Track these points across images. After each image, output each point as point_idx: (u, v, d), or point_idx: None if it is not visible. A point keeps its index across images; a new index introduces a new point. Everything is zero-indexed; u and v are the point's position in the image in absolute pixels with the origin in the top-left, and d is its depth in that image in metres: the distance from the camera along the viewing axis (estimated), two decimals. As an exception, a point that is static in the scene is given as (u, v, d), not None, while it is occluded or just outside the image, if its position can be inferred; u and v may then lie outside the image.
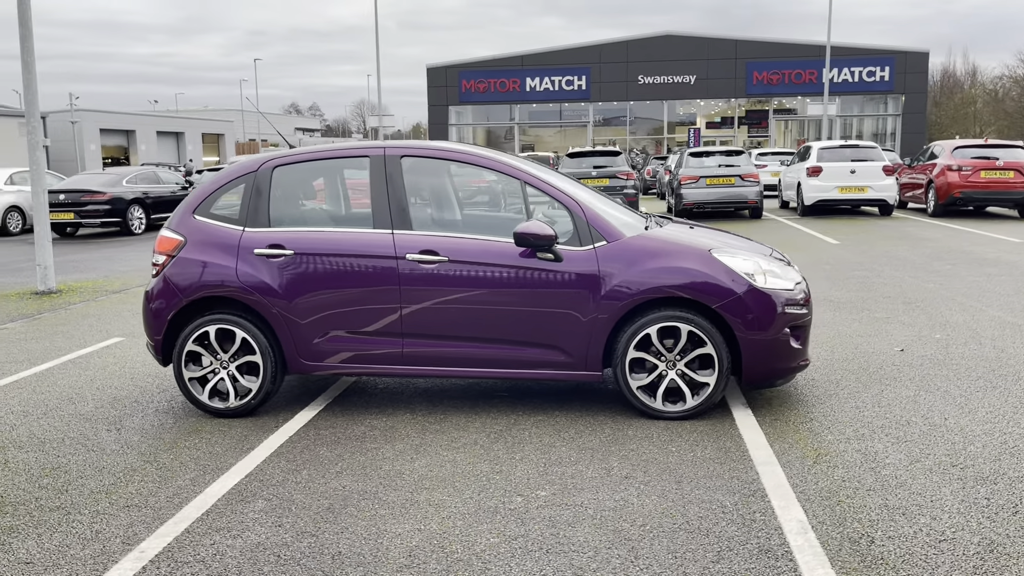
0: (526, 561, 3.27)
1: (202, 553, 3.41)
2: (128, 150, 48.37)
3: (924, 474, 4.00)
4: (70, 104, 43.75)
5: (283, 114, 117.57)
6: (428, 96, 45.91)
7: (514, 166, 5.10)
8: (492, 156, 5.19)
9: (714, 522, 3.57)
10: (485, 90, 45.49)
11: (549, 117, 47.17)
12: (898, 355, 6.18)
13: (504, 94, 45.53)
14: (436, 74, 45.55)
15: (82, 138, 44.66)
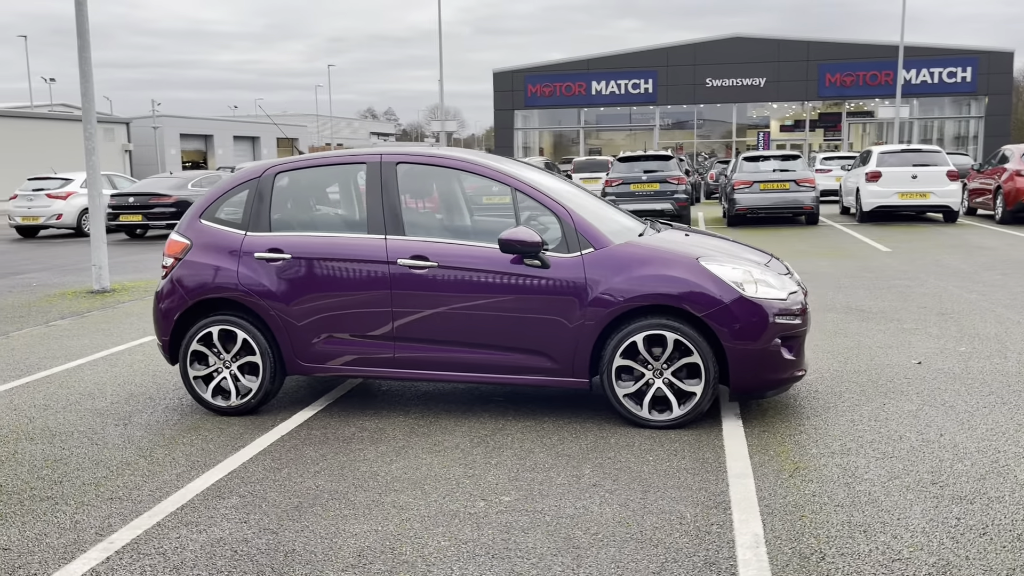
0: (469, 565, 3.31)
1: (165, 546, 3.55)
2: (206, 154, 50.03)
3: (899, 491, 3.89)
4: (152, 110, 45.53)
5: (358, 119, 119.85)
6: (494, 101, 46.21)
7: (504, 172, 5.14)
8: (483, 162, 5.24)
9: (668, 533, 3.54)
10: (551, 94, 45.53)
11: (615, 120, 46.96)
12: (914, 368, 6.00)
13: (570, 98, 45.50)
14: (502, 79, 45.81)
15: (163, 142, 46.38)
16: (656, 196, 17.25)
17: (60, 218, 19.83)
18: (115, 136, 42.69)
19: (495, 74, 46.05)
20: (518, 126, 46.56)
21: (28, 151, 35.05)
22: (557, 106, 46.03)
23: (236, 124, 53.36)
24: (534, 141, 48.62)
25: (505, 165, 5.30)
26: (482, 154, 5.55)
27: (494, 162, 5.28)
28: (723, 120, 46.35)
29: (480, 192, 6.98)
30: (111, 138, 42.40)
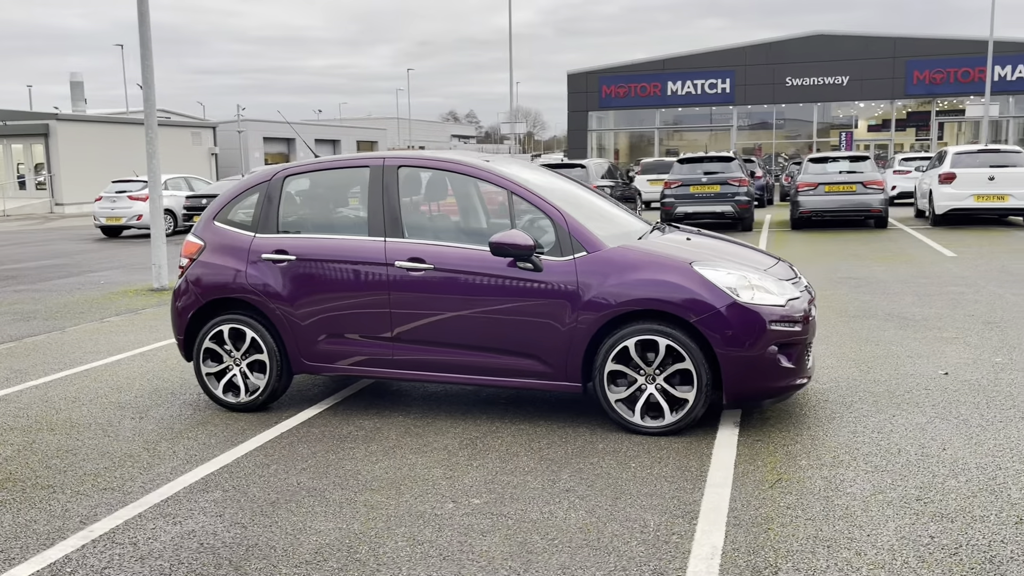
0: (418, 566, 3.34)
1: (138, 537, 3.69)
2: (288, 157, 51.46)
3: (879, 506, 3.74)
4: (237, 115, 47.12)
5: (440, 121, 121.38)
6: (568, 102, 46.15)
7: (500, 175, 5.14)
8: (479, 165, 5.25)
9: (625, 541, 3.50)
10: (625, 95, 45.21)
11: (693, 121, 46.28)
12: (937, 379, 5.75)
13: (645, 99, 45.08)
14: (577, 80, 45.71)
15: (247, 146, 47.91)
16: (716, 198, 16.94)
17: (140, 219, 20.69)
18: (202, 140, 44.32)
19: (569, 75, 45.97)
20: (592, 127, 46.37)
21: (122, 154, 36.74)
22: (632, 107, 45.65)
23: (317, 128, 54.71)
24: (609, 143, 48.34)
25: (504, 168, 5.31)
26: (481, 156, 5.57)
27: (493, 165, 5.29)
28: (804, 120, 45.17)
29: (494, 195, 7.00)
30: (198, 142, 44.05)
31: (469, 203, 5.62)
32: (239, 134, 46.56)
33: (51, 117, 36.99)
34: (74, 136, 36.81)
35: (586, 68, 45.68)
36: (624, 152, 48.36)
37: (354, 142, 55.99)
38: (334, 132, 54.90)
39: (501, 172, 5.17)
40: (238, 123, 47.65)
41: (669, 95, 44.68)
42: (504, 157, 6.11)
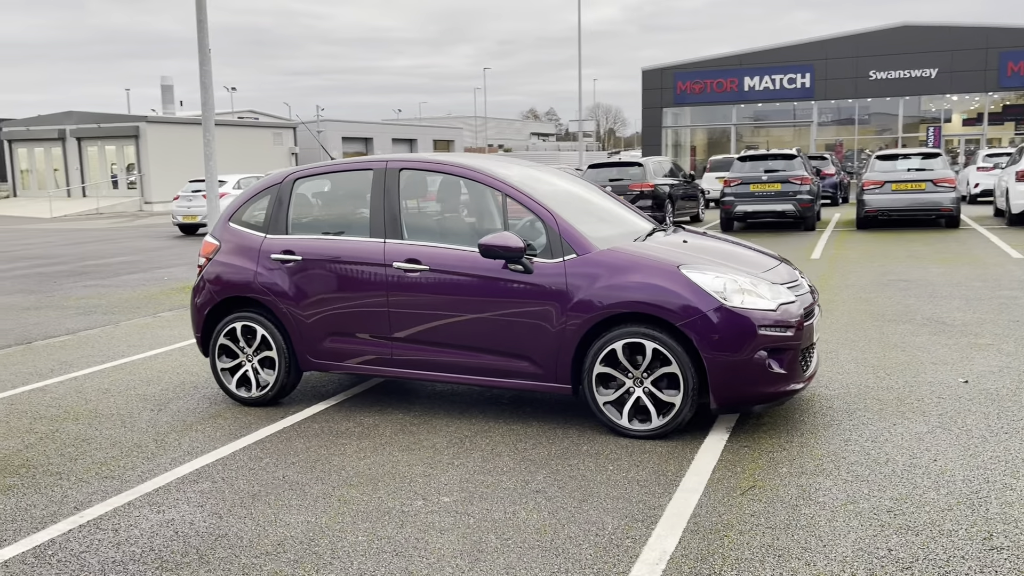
0: (369, 561, 3.44)
1: (120, 523, 3.90)
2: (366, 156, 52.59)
3: (846, 517, 3.67)
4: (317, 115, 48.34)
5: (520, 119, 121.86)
6: (642, 99, 45.72)
7: (495, 176, 5.19)
8: (475, 166, 5.29)
9: (578, 544, 3.52)
10: (701, 91, 44.52)
11: (770, 117, 45.26)
12: (954, 387, 5.55)
13: (721, 94, 44.30)
14: (651, 76, 45.26)
15: (326, 146, 49.06)
16: (777, 197, 16.57)
17: (213, 217, 21.47)
18: (283, 140, 45.63)
19: (644, 72, 45.55)
20: (667, 124, 45.82)
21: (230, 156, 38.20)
22: (708, 103, 44.90)
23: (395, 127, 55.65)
24: (685, 139, 47.69)
25: (501, 169, 5.35)
26: (478, 158, 5.62)
27: (489, 166, 5.34)
28: (889, 114, 43.63)
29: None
30: (279, 142, 45.37)
31: (466, 205, 5.68)
32: (319, 134, 47.73)
33: (141, 119, 38.66)
34: (162, 137, 38.39)
35: (661, 64, 45.17)
36: (701, 149, 47.63)
37: (430, 141, 56.71)
38: (411, 132, 55.74)
39: (494, 173, 5.23)
40: (317, 123, 48.87)
41: (746, 91, 43.79)
42: (507, 159, 6.15)
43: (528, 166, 5.98)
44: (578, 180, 6.27)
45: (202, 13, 11.48)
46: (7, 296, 11.61)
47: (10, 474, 4.60)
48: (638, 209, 6.24)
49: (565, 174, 6.37)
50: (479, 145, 72.56)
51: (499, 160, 5.83)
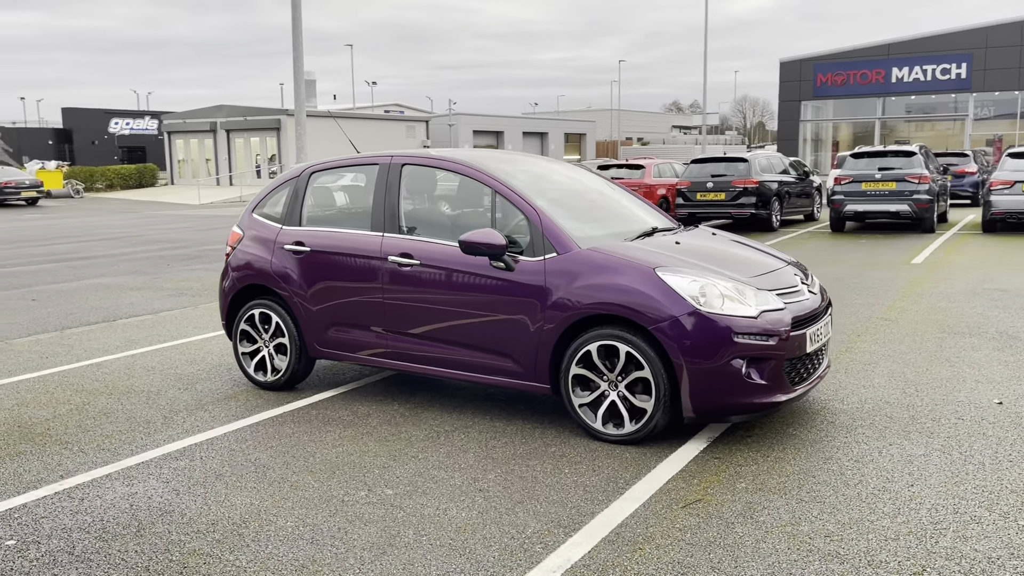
0: (282, 546, 3.54)
1: (90, 494, 4.17)
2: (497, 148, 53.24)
3: (776, 539, 3.46)
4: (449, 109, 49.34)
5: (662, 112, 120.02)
6: (779, 91, 44.08)
7: (487, 173, 5.16)
8: (471, 163, 5.26)
9: (488, 545, 3.50)
10: (843, 83, 42.43)
11: (919, 110, 42.58)
12: (982, 408, 5.10)
13: (865, 87, 42.07)
14: (790, 68, 43.51)
15: (457, 139, 50.10)
16: (891, 196, 15.60)
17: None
18: (415, 133, 46.91)
19: (782, 64, 43.85)
20: (806, 118, 43.95)
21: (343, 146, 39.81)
22: (850, 96, 42.75)
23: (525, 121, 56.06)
24: (826, 134, 45.56)
25: (496, 165, 5.32)
26: (480, 154, 5.59)
27: (484, 163, 5.31)
28: (1058, 107, 40.09)
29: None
30: (412, 135, 46.67)
31: (461, 201, 5.68)
32: (450, 127, 48.76)
33: (282, 113, 40.73)
34: (301, 130, 40.35)
35: (800, 55, 43.34)
36: (845, 144, 45.33)
37: (562, 135, 56.78)
38: (542, 125, 55.99)
39: (487, 170, 5.21)
40: (449, 116, 49.93)
41: (894, 82, 41.41)
42: (519, 155, 6.10)
43: (541, 162, 5.93)
44: (595, 177, 6.16)
45: (297, 11, 11.98)
46: (120, 277, 12.56)
47: (26, 440, 5.00)
48: (655, 207, 6.06)
49: (584, 171, 6.27)
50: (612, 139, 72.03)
51: (504, 156, 5.81)
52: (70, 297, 10.57)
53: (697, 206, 16.98)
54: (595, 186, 5.95)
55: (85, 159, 62.11)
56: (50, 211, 30.52)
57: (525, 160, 5.90)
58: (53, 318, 9.11)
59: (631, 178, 18.28)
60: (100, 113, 68.26)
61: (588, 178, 6.09)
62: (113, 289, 11.25)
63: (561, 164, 6.27)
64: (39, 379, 6.45)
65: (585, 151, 59.85)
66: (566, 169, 6.22)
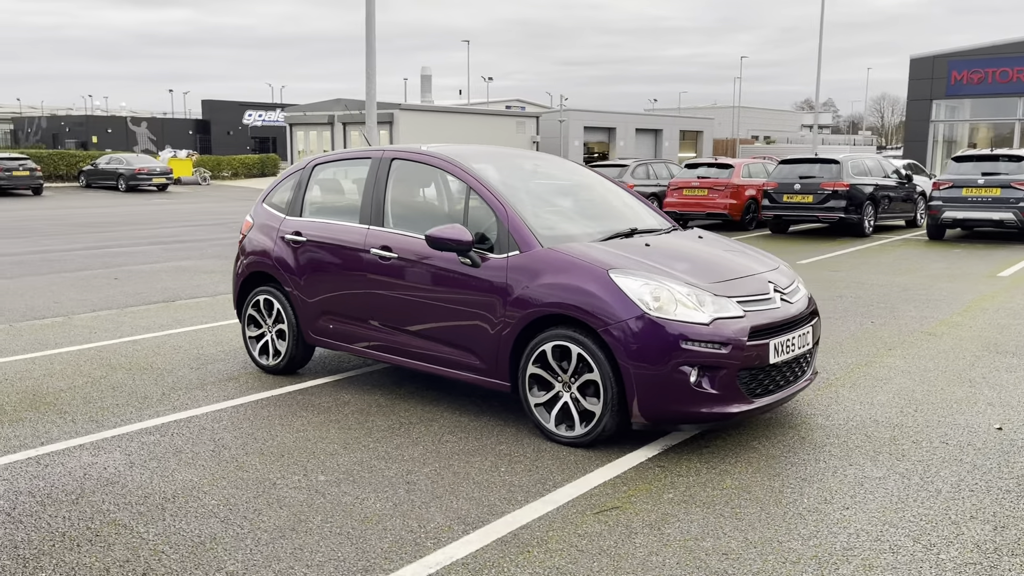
0: (193, 522, 3.68)
1: (56, 460, 4.44)
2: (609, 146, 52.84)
3: (669, 554, 3.35)
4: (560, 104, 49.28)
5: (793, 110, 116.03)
6: (908, 90, 41.78)
7: (463, 168, 5.17)
8: (450, 159, 5.28)
9: (382, 536, 3.54)
10: (980, 81, 39.82)
11: (1067, 112, 39.45)
12: (983, 433, 4.74)
13: (1005, 85, 39.32)
14: (920, 66, 41.19)
15: (567, 135, 50.08)
16: (994, 203, 14.58)
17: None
18: (525, 129, 47.17)
19: (912, 60, 41.52)
20: (937, 118, 41.49)
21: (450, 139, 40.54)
22: (988, 95, 40.06)
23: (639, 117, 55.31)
24: (961, 135, 42.88)
25: (477, 162, 5.33)
26: (459, 150, 5.57)
27: (465, 159, 5.32)
28: None
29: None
30: (522, 131, 46.95)
31: (441, 196, 5.70)
32: (560, 123, 48.73)
33: (395, 107, 41.80)
34: (412, 123, 41.28)
35: (933, 52, 40.94)
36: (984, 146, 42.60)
37: (677, 132, 55.77)
38: (656, 122, 55.14)
39: (465, 166, 5.22)
40: (560, 112, 49.88)
41: (1037, 82, 38.52)
42: (509, 150, 6.06)
43: (539, 160, 5.90)
44: (596, 177, 6.07)
45: (371, 6, 12.29)
46: (202, 260, 13.24)
47: (33, 408, 5.38)
48: (653, 208, 5.91)
49: (586, 171, 6.19)
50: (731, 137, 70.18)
51: (487, 152, 5.79)
52: (148, 277, 11.24)
53: (783, 208, 16.38)
54: (591, 186, 5.87)
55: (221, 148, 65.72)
56: (176, 197, 32.41)
57: (520, 157, 5.88)
58: (122, 296, 9.71)
59: (717, 177, 17.80)
60: (235, 105, 72.03)
61: (586, 178, 6.01)
62: (188, 272, 11.88)
63: (561, 162, 6.21)
64: (75, 352, 6.91)
65: (701, 149, 58.60)
66: (564, 168, 6.16)
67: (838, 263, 12.37)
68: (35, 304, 9.17)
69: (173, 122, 73.86)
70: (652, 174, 20.24)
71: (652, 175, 20.20)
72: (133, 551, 3.43)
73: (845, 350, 6.80)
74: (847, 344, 7.02)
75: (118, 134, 65.92)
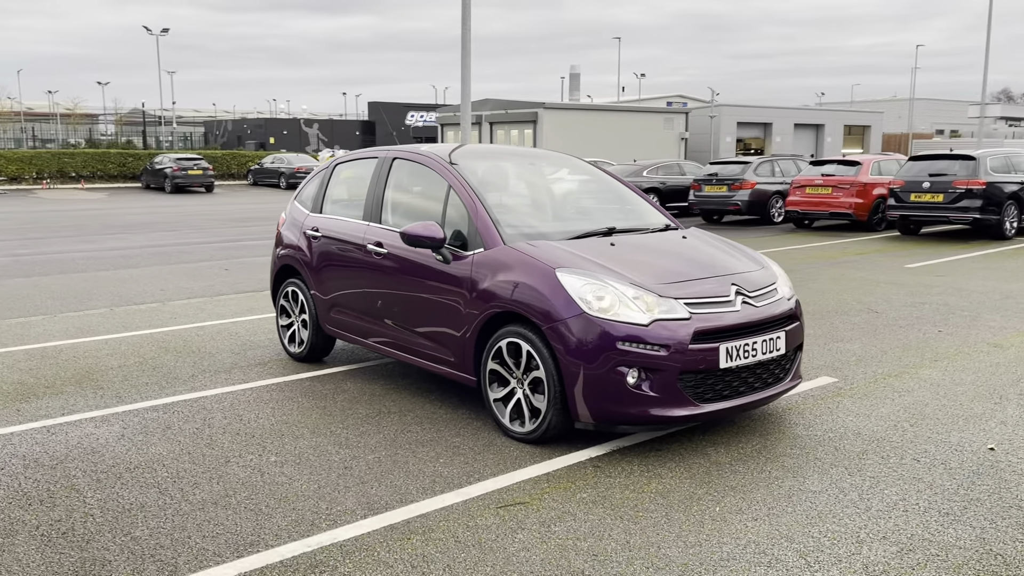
0: (133, 491, 4.03)
1: (62, 431, 4.94)
2: (764, 142, 50.97)
3: (546, 550, 3.37)
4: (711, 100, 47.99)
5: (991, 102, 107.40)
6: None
7: (445, 167, 5.31)
8: (438, 158, 5.45)
9: (286, 514, 3.75)
10: None
11: None
12: (971, 452, 4.38)
13: None
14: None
15: (719, 130, 48.76)
16: None
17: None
18: (673, 125, 46.28)
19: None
20: None
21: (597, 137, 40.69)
22: None
23: (798, 112, 52.90)
24: None
25: (466, 161, 5.44)
26: (447, 148, 5.67)
27: (453, 159, 5.43)
28: None
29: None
30: (670, 127, 46.12)
31: (429, 194, 5.81)
32: (711, 119, 47.50)
33: (539, 106, 42.17)
34: (557, 122, 41.50)
35: None
36: None
37: (841, 127, 52.95)
38: (817, 116, 52.52)
39: (448, 164, 5.35)
40: (711, 108, 48.59)
41: None
42: (505, 148, 6.10)
43: (536, 158, 5.93)
44: (597, 174, 6.03)
45: (466, 11, 12.60)
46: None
47: (76, 384, 6.00)
48: (657, 208, 5.80)
49: (590, 169, 6.14)
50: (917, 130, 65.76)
51: (488, 151, 5.87)
52: (254, 269, 12.06)
53: (910, 208, 15.31)
54: (591, 185, 5.84)
55: (382, 148, 68.61)
56: (327, 194, 34.26)
57: (521, 156, 5.93)
58: (220, 286, 10.50)
59: (843, 175, 16.87)
60: (399, 106, 75.10)
61: (590, 177, 5.98)
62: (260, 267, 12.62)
63: (572, 162, 6.18)
64: (145, 335, 7.58)
65: (868, 144, 55.34)
66: (573, 168, 6.14)
67: (950, 268, 11.48)
68: (144, 291, 10.09)
69: (342, 123, 77.93)
70: (777, 171, 19.44)
71: (777, 172, 19.41)
72: (68, 513, 3.81)
73: (885, 360, 6.39)
74: (891, 353, 6.58)
75: (293, 135, 70.31)
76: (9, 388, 5.84)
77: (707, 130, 47.71)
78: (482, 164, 5.53)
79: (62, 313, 8.70)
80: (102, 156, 39.23)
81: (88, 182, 37.44)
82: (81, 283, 10.73)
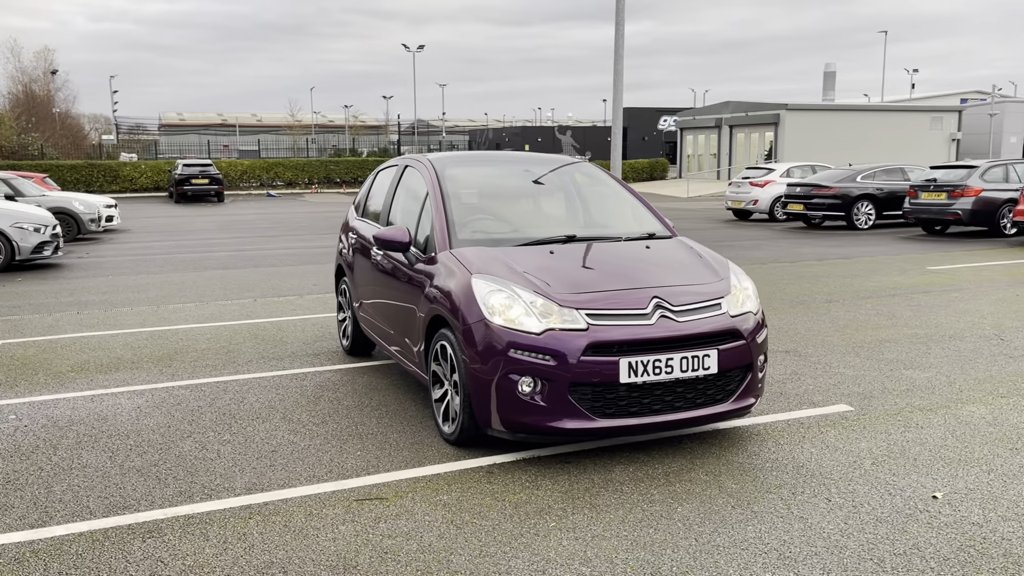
0: (104, 453, 4.62)
1: (76, 404, 5.63)
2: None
3: (357, 544, 3.45)
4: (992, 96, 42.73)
5: None
6: None
7: (429, 175, 5.47)
8: (428, 164, 5.62)
9: (172, 487, 4.14)
10: None
11: None
12: (911, 499, 3.82)
13: None
14: None
15: (1002, 130, 43.54)
16: None
17: (756, 204, 22.00)
18: (943, 125, 42.00)
19: None
20: None
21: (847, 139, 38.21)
22: None
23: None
24: None
25: (449, 169, 5.55)
26: (443, 155, 5.75)
27: (442, 164, 5.58)
28: None
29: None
30: (938, 127, 41.93)
31: (420, 199, 5.91)
32: (990, 117, 42.49)
33: (781, 107, 40.16)
34: (799, 124, 39.33)
35: None
36: None
37: None
38: None
39: (431, 170, 5.50)
40: (991, 105, 43.41)
41: None
42: (509, 154, 6.04)
43: (536, 164, 5.89)
44: (605, 181, 5.87)
45: (620, 16, 12.52)
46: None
47: (153, 362, 6.87)
48: (656, 216, 5.54)
49: (600, 175, 5.96)
50: None
51: (483, 157, 5.91)
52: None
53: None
54: (583, 193, 5.73)
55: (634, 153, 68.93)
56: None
57: (519, 162, 5.92)
58: (314, 286, 11.11)
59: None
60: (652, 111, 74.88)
61: (591, 185, 5.87)
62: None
63: (574, 167, 6.01)
64: (239, 325, 8.33)
65: None
66: (587, 175, 6.01)
67: None
68: (297, 285, 11.14)
69: (594, 130, 79.14)
70: (1013, 176, 17.12)
71: (1013, 178, 17.09)
72: (39, 467, 4.45)
73: (934, 391, 5.60)
74: (955, 385, 5.73)
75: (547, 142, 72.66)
76: (104, 362, 6.84)
77: (986, 130, 42.82)
78: (465, 171, 5.65)
79: (215, 301, 9.88)
80: (361, 164, 43.21)
81: (348, 187, 41.47)
82: (256, 276, 12.03)
